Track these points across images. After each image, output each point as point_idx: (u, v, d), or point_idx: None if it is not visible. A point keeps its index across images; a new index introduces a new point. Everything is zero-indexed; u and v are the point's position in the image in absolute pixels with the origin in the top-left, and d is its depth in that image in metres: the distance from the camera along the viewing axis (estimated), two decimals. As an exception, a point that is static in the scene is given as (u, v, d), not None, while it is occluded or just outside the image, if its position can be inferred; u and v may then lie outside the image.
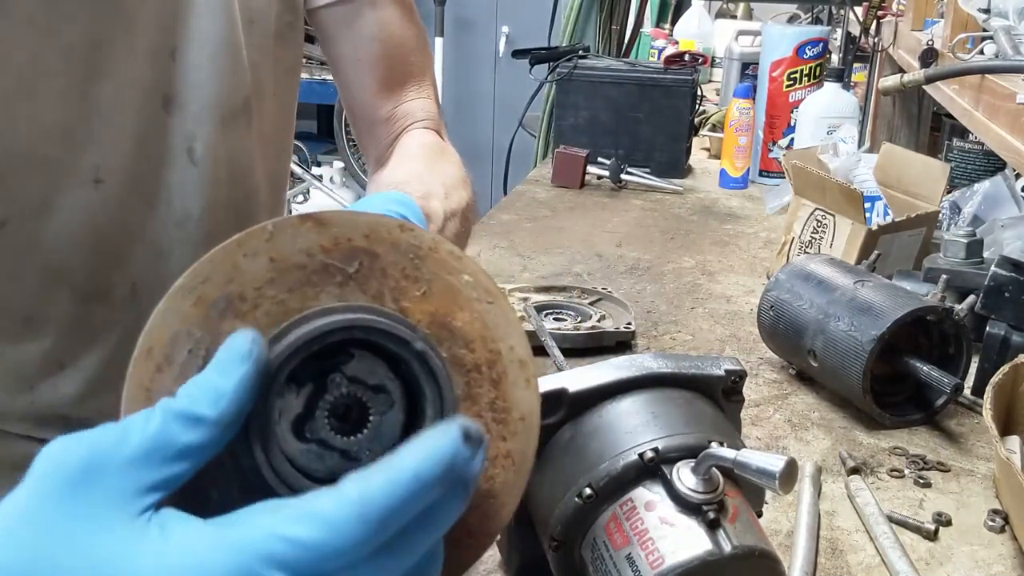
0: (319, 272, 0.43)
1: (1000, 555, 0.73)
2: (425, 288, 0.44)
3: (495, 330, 0.45)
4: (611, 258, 1.45)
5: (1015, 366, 0.84)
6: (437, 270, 0.44)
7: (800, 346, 0.97)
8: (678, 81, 1.96)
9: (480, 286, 0.45)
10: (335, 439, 0.40)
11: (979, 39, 1.21)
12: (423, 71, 0.92)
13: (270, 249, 0.42)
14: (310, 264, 0.42)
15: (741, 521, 0.51)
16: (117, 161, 0.69)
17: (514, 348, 0.45)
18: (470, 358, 0.45)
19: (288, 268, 0.42)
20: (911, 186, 1.38)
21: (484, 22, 4.99)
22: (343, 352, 0.42)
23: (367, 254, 0.43)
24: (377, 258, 0.43)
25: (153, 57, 0.70)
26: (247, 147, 0.78)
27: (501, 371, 0.45)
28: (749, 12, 3.85)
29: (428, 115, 0.91)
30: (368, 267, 0.43)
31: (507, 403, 0.45)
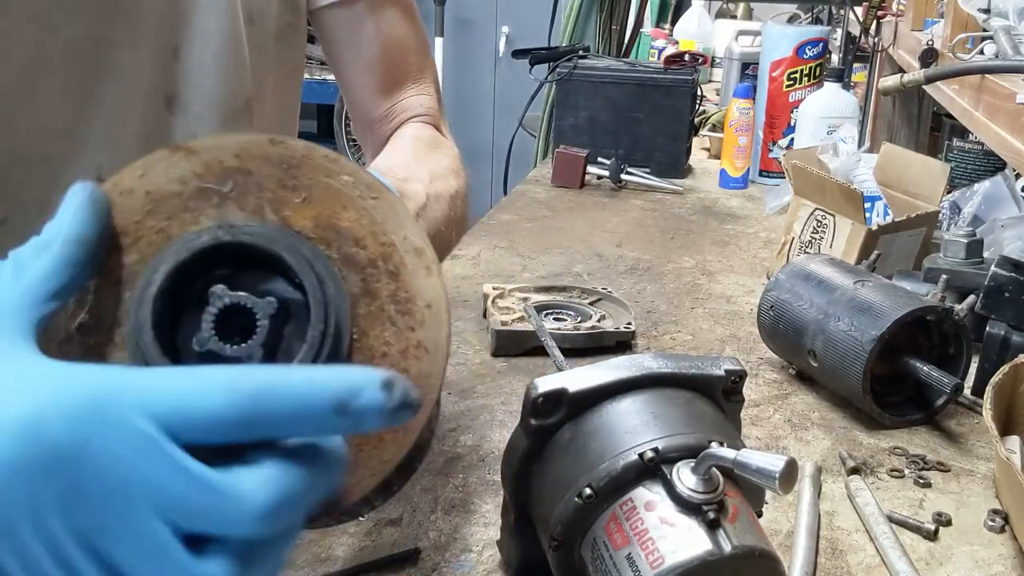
0: (195, 197, 0.44)
1: (1000, 555, 0.73)
2: (305, 195, 0.44)
3: (385, 224, 0.45)
4: (611, 258, 1.45)
5: (1015, 366, 0.84)
6: (314, 175, 0.45)
7: (800, 346, 0.97)
8: (678, 81, 1.96)
9: (361, 183, 0.45)
10: (225, 348, 0.40)
11: (979, 39, 1.21)
12: (423, 71, 0.92)
13: (145, 183, 0.44)
14: (185, 191, 0.44)
15: (741, 521, 0.51)
16: (120, 161, 0.69)
17: (408, 238, 0.45)
18: (363, 255, 0.44)
19: (164, 197, 0.44)
20: (911, 186, 1.38)
21: (484, 22, 4.99)
22: (231, 267, 0.42)
23: (240, 172, 0.44)
24: (250, 175, 0.44)
25: (156, 56, 0.70)
26: None
27: (398, 262, 0.45)
28: (749, 12, 3.85)
29: (426, 110, 0.91)
30: (243, 184, 0.44)
31: (409, 293, 0.44)
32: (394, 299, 0.44)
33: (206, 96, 0.73)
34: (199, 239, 0.41)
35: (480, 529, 0.73)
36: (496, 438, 0.87)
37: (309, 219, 0.44)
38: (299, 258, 0.41)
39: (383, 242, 0.45)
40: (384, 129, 0.90)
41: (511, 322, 1.07)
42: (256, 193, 0.44)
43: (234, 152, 0.44)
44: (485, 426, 0.90)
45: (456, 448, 0.86)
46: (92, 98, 0.67)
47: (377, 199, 0.45)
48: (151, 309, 0.40)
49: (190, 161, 0.44)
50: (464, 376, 1.01)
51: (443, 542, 0.71)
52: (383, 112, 0.90)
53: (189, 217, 0.43)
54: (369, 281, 0.44)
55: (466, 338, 1.11)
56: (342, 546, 0.71)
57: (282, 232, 0.42)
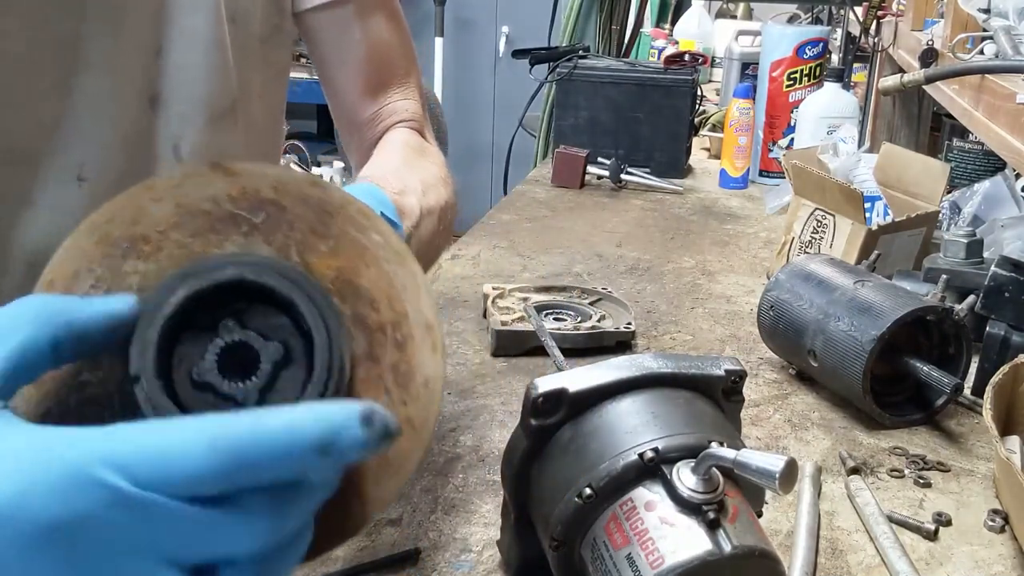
0: (225, 220, 0.42)
1: (1000, 555, 0.73)
2: (332, 244, 0.43)
3: (402, 291, 0.44)
4: (611, 258, 1.45)
5: (1015, 366, 0.84)
6: (345, 227, 0.44)
7: (800, 346, 0.97)
8: (678, 81, 1.96)
9: (390, 246, 0.44)
10: (222, 383, 0.39)
11: (979, 39, 1.21)
12: (408, 73, 0.92)
13: (178, 195, 0.42)
14: (216, 211, 0.42)
15: (741, 521, 0.51)
16: (102, 160, 0.69)
17: (421, 311, 0.44)
18: (374, 318, 0.43)
19: (194, 213, 0.42)
20: (911, 186, 1.38)
21: (484, 22, 4.99)
22: (244, 301, 0.41)
23: (274, 206, 0.43)
24: (284, 211, 0.43)
25: (139, 54, 0.70)
26: (234, 149, 0.78)
27: (407, 333, 0.44)
28: (749, 12, 3.85)
29: (412, 115, 0.91)
30: (275, 219, 0.43)
31: (410, 367, 0.43)
32: (394, 369, 0.44)
33: (190, 96, 0.73)
34: (223, 271, 0.40)
35: (480, 529, 0.73)
36: (496, 438, 0.87)
37: (331, 270, 0.43)
38: (314, 314, 0.40)
39: (397, 310, 0.44)
40: (371, 132, 0.90)
41: (511, 322, 1.07)
42: (286, 231, 0.43)
43: (272, 184, 0.43)
44: (485, 426, 0.90)
45: (456, 448, 0.86)
46: (74, 95, 0.67)
47: (401, 265, 0.44)
48: (159, 331, 0.39)
49: (227, 182, 0.43)
50: (464, 376, 1.01)
51: (443, 542, 0.71)
52: (370, 115, 0.89)
53: (214, 239, 0.42)
54: (374, 345, 0.43)
55: (466, 338, 1.11)
56: (342, 546, 0.71)
57: (304, 280, 0.41)
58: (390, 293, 0.44)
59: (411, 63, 0.93)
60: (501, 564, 0.68)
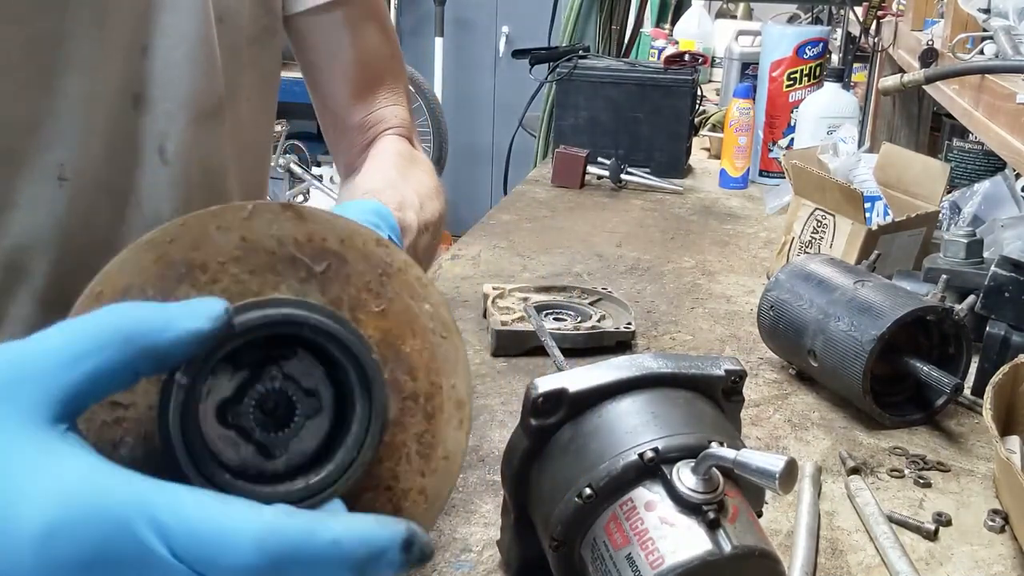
0: (286, 262, 0.42)
1: (1000, 555, 0.73)
2: (384, 306, 0.44)
3: (442, 364, 0.45)
4: (611, 258, 1.45)
5: (1015, 366, 0.84)
6: (400, 291, 0.44)
7: (800, 346, 0.97)
8: (678, 81, 1.96)
9: (439, 318, 0.45)
10: (255, 431, 0.40)
11: (979, 39, 1.21)
12: (396, 79, 0.92)
13: (244, 228, 0.42)
14: (279, 252, 0.42)
15: (741, 521, 0.51)
16: (84, 160, 0.68)
17: (456, 387, 0.45)
18: (410, 386, 0.44)
19: (256, 250, 0.42)
20: (911, 186, 1.38)
21: (484, 22, 4.99)
22: (286, 347, 0.41)
23: (337, 258, 0.43)
24: (346, 264, 0.43)
25: (123, 52, 0.69)
26: (220, 151, 0.77)
27: (437, 406, 0.44)
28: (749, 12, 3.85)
29: (401, 122, 0.91)
30: (335, 271, 0.43)
31: (435, 439, 0.44)
32: (419, 439, 0.44)
33: (176, 95, 0.72)
34: (278, 317, 0.39)
35: (480, 529, 0.73)
36: (496, 438, 0.87)
37: (378, 331, 0.43)
38: (362, 377, 0.41)
39: (432, 381, 0.44)
40: (360, 139, 0.90)
41: (511, 322, 1.07)
42: (343, 284, 0.43)
43: (340, 235, 0.43)
44: (485, 426, 0.90)
45: (456, 448, 0.86)
46: (56, 94, 0.66)
47: (446, 339, 0.45)
48: (197, 374, 0.38)
49: (296, 225, 0.42)
50: (464, 376, 1.01)
51: (443, 542, 0.71)
52: (359, 121, 0.89)
53: (272, 280, 0.42)
54: (405, 412, 0.44)
55: (466, 338, 1.11)
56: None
57: (358, 341, 0.41)
58: (430, 364, 0.44)
59: (399, 70, 0.93)
60: (501, 564, 0.68)
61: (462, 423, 0.45)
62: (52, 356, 0.35)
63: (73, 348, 0.36)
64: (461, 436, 0.45)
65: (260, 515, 0.34)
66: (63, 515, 0.32)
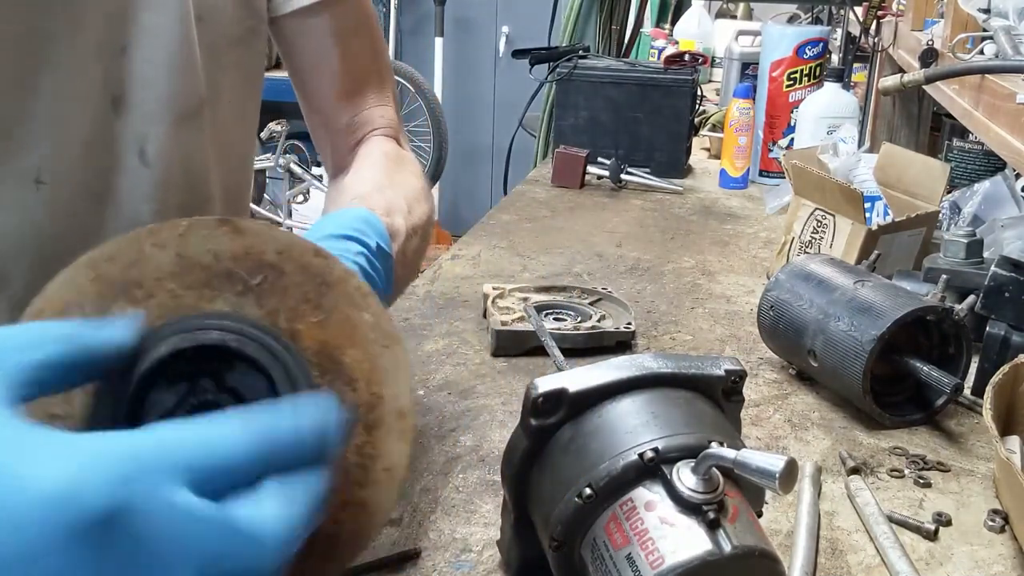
0: (221, 277, 0.43)
1: (1000, 555, 0.73)
2: (323, 317, 0.44)
3: (384, 375, 0.44)
4: (611, 258, 1.45)
5: (1015, 366, 0.84)
6: (339, 302, 0.44)
7: (800, 346, 0.97)
8: (678, 81, 1.96)
9: (379, 328, 0.44)
10: None
11: (979, 39, 1.21)
12: (383, 80, 0.92)
13: (179, 244, 0.43)
14: (215, 267, 0.43)
15: (741, 521, 0.51)
16: (61, 162, 0.67)
17: (397, 398, 0.45)
18: (350, 396, 0.44)
19: (192, 266, 0.43)
20: (911, 186, 1.38)
21: (484, 22, 4.99)
22: (226, 359, 0.42)
23: (274, 270, 0.43)
24: (283, 276, 0.43)
25: (101, 53, 0.68)
26: (202, 152, 0.77)
27: (377, 418, 0.44)
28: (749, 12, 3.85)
29: (388, 123, 0.91)
30: (271, 283, 0.43)
31: (375, 451, 0.44)
32: (359, 451, 0.44)
33: (156, 96, 0.71)
34: (208, 334, 0.40)
35: (480, 529, 0.73)
36: (496, 438, 0.87)
37: (316, 342, 0.43)
38: (287, 387, 0.41)
39: (373, 392, 0.44)
40: (348, 140, 0.90)
41: (511, 322, 1.07)
42: (280, 296, 0.43)
43: (277, 248, 0.43)
44: (485, 426, 0.90)
45: (456, 448, 0.86)
46: (31, 95, 0.65)
47: (387, 348, 0.45)
48: (137, 382, 0.39)
49: (232, 240, 0.43)
50: (464, 376, 1.01)
51: (443, 542, 0.71)
52: (346, 122, 0.89)
53: (207, 294, 0.42)
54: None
55: (466, 338, 1.11)
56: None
57: (286, 353, 0.41)
58: (371, 376, 0.44)
59: (386, 68, 0.93)
60: (501, 564, 0.68)
61: (403, 434, 0.44)
62: (4, 341, 0.37)
63: (20, 339, 0.37)
64: (403, 448, 0.44)
65: (231, 415, 0.37)
66: (70, 473, 0.31)
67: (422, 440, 0.87)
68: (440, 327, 1.14)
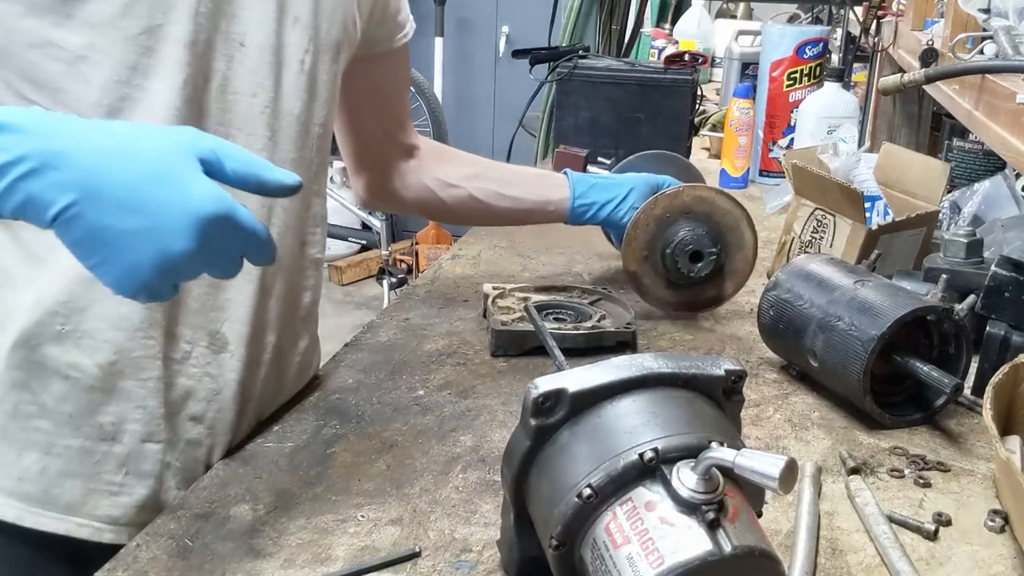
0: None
1: (1000, 555, 0.73)
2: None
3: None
4: (611, 258, 1.45)
5: (1015, 366, 0.84)
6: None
7: (800, 346, 0.97)
8: (678, 81, 1.96)
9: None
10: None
11: (979, 39, 1.21)
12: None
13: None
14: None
15: (741, 521, 0.51)
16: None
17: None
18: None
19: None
20: (911, 186, 1.38)
21: (484, 22, 4.98)
22: None
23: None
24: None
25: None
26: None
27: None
28: (749, 12, 3.85)
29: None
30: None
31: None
32: None
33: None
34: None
35: (480, 529, 0.73)
36: (496, 438, 0.87)
37: None
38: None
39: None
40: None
41: (511, 322, 1.07)
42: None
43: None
44: (485, 426, 0.90)
45: (456, 448, 0.86)
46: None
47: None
48: None
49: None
50: (464, 376, 1.01)
51: (443, 542, 0.71)
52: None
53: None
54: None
55: (466, 338, 1.11)
56: (342, 546, 0.71)
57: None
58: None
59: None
60: (501, 564, 0.68)
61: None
62: (227, 147, 0.62)
63: (234, 150, 0.62)
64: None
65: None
66: (180, 137, 0.60)
67: (422, 440, 0.87)
68: (440, 327, 1.14)
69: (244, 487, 0.79)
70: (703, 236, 1.15)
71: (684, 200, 1.16)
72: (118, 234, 0.56)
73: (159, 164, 0.57)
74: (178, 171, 0.57)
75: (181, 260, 0.57)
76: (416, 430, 0.89)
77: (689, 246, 1.14)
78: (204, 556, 0.69)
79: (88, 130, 0.57)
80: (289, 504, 0.76)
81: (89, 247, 0.56)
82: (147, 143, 0.58)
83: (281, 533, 0.72)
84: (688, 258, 1.15)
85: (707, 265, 1.16)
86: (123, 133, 0.59)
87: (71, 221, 0.55)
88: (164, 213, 0.56)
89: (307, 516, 0.75)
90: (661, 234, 1.16)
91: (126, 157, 0.57)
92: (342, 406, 0.93)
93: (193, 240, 0.57)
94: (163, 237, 0.56)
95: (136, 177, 0.56)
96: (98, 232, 0.55)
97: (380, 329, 1.13)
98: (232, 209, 0.58)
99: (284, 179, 0.63)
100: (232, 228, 0.58)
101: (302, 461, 0.83)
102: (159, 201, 0.56)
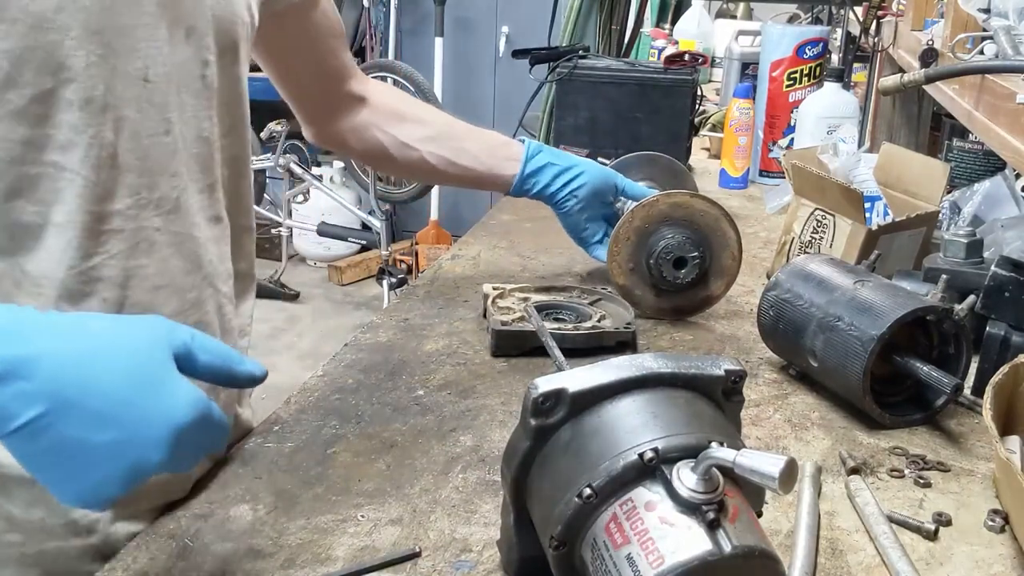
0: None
1: (1000, 555, 0.73)
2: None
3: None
4: (611, 258, 1.44)
5: (1015, 366, 0.84)
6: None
7: (800, 346, 0.97)
8: (678, 81, 1.96)
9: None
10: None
11: (979, 39, 1.21)
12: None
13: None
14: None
15: (741, 521, 0.51)
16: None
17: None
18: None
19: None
20: (911, 186, 1.38)
21: (484, 22, 4.99)
22: None
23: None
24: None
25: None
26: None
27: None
28: (749, 12, 3.85)
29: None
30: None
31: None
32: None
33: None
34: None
35: (480, 529, 0.73)
36: (496, 438, 0.87)
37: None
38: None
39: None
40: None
41: (511, 322, 1.07)
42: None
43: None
44: (485, 426, 0.90)
45: (456, 448, 0.86)
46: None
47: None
48: None
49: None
50: (464, 376, 1.01)
51: (443, 542, 0.71)
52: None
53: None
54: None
55: (466, 338, 1.11)
56: (342, 546, 0.71)
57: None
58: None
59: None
60: (501, 564, 0.68)
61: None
62: (201, 340, 0.60)
63: (208, 343, 0.60)
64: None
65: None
66: (155, 327, 0.58)
67: (422, 440, 0.87)
68: (440, 327, 1.14)
69: (244, 487, 0.79)
70: (684, 242, 1.16)
71: (661, 208, 1.16)
72: (90, 448, 0.51)
73: (138, 370, 0.53)
74: (158, 375, 0.54)
75: (152, 471, 0.53)
76: (416, 430, 0.89)
77: (671, 254, 1.15)
78: (204, 556, 0.69)
79: (60, 330, 0.53)
80: (289, 504, 0.76)
81: (52, 461, 0.51)
82: (123, 343, 0.54)
83: (281, 533, 0.72)
84: (672, 265, 1.16)
85: (692, 270, 1.16)
86: (97, 332, 0.55)
87: (36, 434, 0.50)
88: (142, 425, 0.52)
89: (307, 516, 0.75)
90: (643, 245, 1.17)
91: (103, 362, 0.53)
92: (342, 406, 0.93)
93: (168, 450, 0.53)
94: (139, 450, 0.52)
95: (113, 385, 0.52)
96: (66, 446, 0.50)
97: (380, 329, 1.13)
98: (208, 409, 0.56)
99: (254, 371, 0.61)
100: (205, 428, 0.56)
101: (302, 461, 0.83)
102: (138, 411, 0.52)
